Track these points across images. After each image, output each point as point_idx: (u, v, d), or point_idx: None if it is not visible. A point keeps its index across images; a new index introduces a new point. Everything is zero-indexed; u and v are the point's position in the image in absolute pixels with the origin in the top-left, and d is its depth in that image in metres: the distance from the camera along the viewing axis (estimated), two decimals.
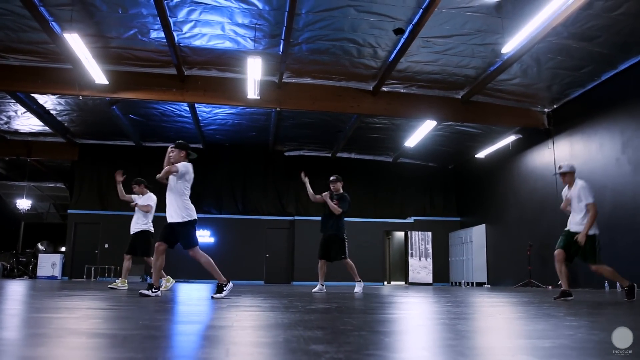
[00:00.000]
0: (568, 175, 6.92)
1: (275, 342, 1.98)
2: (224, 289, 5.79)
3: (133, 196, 9.32)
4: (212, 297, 5.68)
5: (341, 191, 9.30)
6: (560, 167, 7.07)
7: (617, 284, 11.25)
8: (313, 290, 9.04)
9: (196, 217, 6.04)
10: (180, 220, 5.90)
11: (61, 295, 5.98)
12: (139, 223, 9.10)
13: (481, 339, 2.30)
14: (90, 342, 1.95)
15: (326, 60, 12.41)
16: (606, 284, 11.72)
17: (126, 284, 9.01)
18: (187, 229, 5.92)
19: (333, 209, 8.98)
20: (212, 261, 5.93)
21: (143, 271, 18.33)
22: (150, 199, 9.22)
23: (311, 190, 9.43)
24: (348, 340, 2.03)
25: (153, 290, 5.85)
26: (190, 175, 6.13)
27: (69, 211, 19.49)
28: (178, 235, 5.95)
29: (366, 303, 5.20)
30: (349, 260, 9.00)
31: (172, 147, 6.23)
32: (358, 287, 8.99)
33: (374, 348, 1.81)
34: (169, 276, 9.25)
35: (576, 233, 6.55)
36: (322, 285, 9.06)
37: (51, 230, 24.60)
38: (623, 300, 6.22)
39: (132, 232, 9.14)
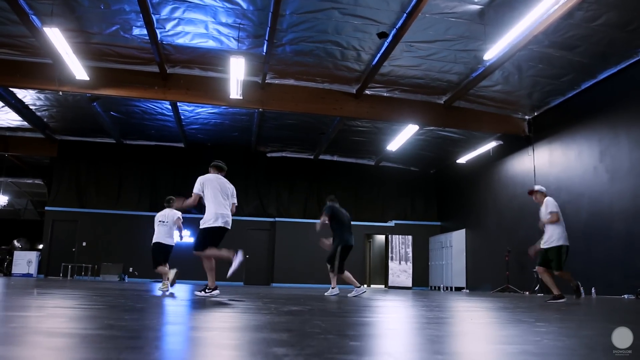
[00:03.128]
0: (539, 194, 8.10)
1: (238, 345, 1.95)
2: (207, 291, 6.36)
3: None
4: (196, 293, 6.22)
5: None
6: (533, 187, 8.29)
7: (592, 290, 11.43)
8: (349, 295, 8.98)
9: (208, 226, 6.53)
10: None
11: (32, 293, 5.88)
12: (172, 236, 9.26)
13: (448, 344, 2.30)
14: (57, 342, 1.90)
15: (310, 62, 12.39)
16: (582, 291, 11.81)
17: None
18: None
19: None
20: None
21: (121, 270, 18.15)
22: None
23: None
24: (312, 343, 2.01)
25: (206, 290, 6.37)
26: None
27: (46, 208, 19.20)
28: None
29: (341, 306, 5.19)
30: (331, 271, 9.30)
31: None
32: (330, 291, 9.15)
33: (337, 352, 1.79)
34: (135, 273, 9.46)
35: (545, 249, 7.91)
36: (360, 287, 9.14)
37: (28, 227, 24.19)
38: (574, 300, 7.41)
39: (167, 243, 9.16)
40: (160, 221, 9.25)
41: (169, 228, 9.19)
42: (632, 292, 10.21)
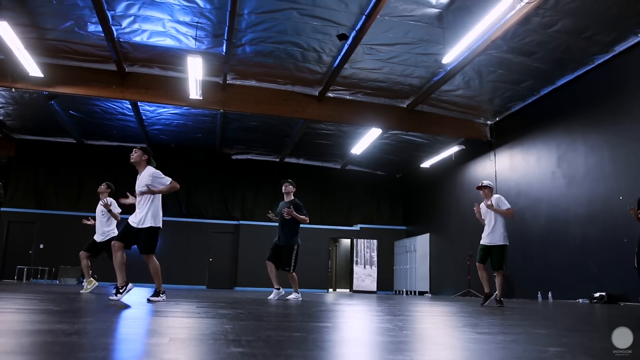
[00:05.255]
0: (487, 190, 7.96)
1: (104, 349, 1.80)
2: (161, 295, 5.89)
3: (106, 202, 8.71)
4: (149, 299, 5.77)
5: (292, 197, 8.70)
6: (481, 183, 8.08)
7: (549, 294, 11.52)
8: (269, 298, 8.44)
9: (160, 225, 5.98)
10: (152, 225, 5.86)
11: None
12: (109, 229, 8.73)
13: (335, 352, 2.17)
14: None
15: (271, 63, 12.25)
16: (539, 295, 11.92)
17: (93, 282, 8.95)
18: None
19: (302, 220, 8.48)
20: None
21: (80, 273, 17.69)
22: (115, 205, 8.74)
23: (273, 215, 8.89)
24: (187, 349, 1.87)
25: (161, 295, 5.87)
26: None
27: (2, 209, 18.60)
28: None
29: (279, 310, 5.04)
30: (294, 274, 8.47)
31: (136, 148, 6.13)
32: (294, 295, 8.58)
33: (204, 357, 1.65)
34: (92, 278, 9.09)
35: (489, 246, 7.77)
36: (278, 288, 8.49)
37: None
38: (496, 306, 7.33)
39: (101, 240, 8.66)
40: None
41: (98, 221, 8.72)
42: (587, 297, 10.30)
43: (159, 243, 6.23)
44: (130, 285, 5.70)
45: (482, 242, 7.90)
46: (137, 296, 6.93)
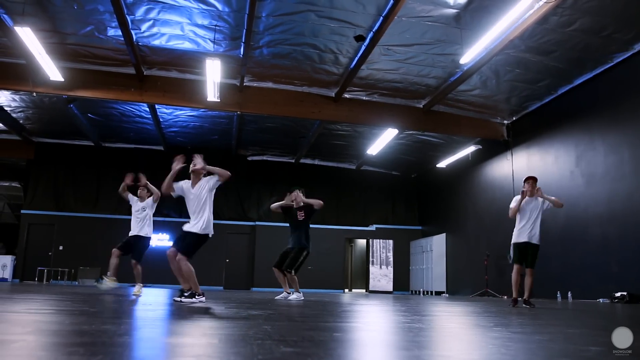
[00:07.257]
0: (532, 180, 7.90)
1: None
2: (196, 296, 5.82)
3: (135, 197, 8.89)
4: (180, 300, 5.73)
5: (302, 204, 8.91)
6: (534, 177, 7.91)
7: (569, 294, 11.48)
8: (276, 297, 8.62)
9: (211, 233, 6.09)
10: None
11: None
12: (150, 228, 8.75)
13: (381, 351, 2.22)
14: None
15: (288, 64, 12.32)
16: (558, 295, 11.87)
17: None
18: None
19: (317, 204, 8.74)
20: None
21: (98, 274, 17.88)
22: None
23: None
24: (239, 349, 1.93)
25: (187, 295, 5.80)
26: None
27: (22, 211, 18.88)
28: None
29: (304, 311, 5.10)
30: (294, 276, 8.59)
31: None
32: (295, 295, 8.53)
33: (261, 357, 1.71)
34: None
35: (527, 244, 7.44)
36: (288, 293, 8.64)
37: (5, 230, 23.73)
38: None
39: (145, 235, 8.61)
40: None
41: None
42: (607, 296, 10.24)
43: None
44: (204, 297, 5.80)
45: (518, 240, 7.49)
46: (163, 297, 7.03)
